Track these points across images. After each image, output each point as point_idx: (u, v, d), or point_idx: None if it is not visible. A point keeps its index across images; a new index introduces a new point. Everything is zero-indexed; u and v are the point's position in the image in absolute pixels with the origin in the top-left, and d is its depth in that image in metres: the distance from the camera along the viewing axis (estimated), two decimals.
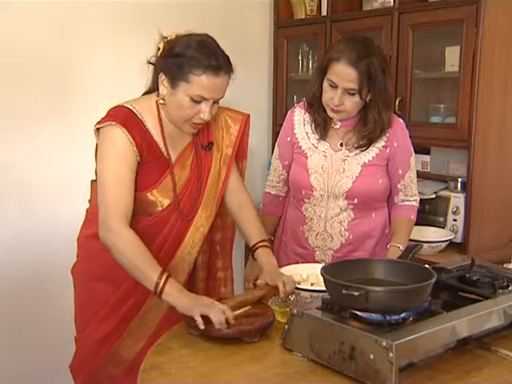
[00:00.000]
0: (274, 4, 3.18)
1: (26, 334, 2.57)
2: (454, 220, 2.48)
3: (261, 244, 1.78)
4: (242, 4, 3.11)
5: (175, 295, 1.49)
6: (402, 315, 1.27)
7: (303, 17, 3.10)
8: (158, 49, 1.64)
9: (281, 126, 2.13)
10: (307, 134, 2.02)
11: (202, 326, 1.41)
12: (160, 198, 1.67)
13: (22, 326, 2.56)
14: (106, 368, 1.71)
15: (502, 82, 2.41)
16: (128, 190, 1.59)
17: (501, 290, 1.44)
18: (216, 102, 1.62)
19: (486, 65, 2.31)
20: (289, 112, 2.09)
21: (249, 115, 1.85)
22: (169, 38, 1.63)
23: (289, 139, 2.05)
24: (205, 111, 1.59)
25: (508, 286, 1.47)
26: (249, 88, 3.19)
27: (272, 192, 2.14)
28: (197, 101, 1.58)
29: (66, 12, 2.53)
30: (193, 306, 1.45)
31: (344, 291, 1.24)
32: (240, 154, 1.86)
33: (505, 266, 1.83)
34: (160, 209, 1.68)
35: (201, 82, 1.55)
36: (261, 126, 3.28)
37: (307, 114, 2.02)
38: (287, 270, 1.76)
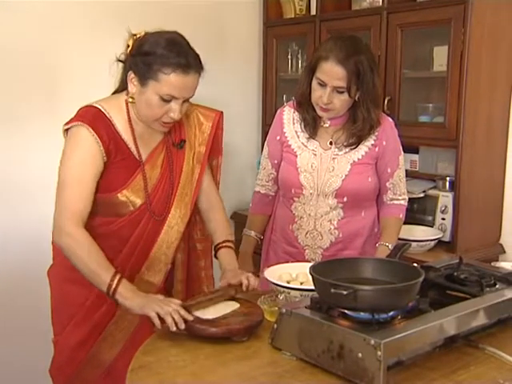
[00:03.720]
0: (263, 3, 3.18)
1: (15, 333, 2.55)
2: (443, 219, 2.49)
3: (224, 244, 1.77)
4: (231, 3, 3.10)
5: (128, 296, 1.48)
6: (391, 314, 1.27)
7: (292, 16, 3.10)
8: (128, 46, 1.61)
9: (270, 125, 2.12)
10: (296, 132, 2.02)
11: (158, 325, 1.41)
12: (132, 198, 1.64)
13: (11, 325, 2.54)
14: (84, 371, 1.69)
15: (490, 82, 2.43)
16: (87, 191, 1.57)
17: (488, 289, 1.45)
18: (186, 100, 1.60)
19: (473, 64, 2.32)
20: (278, 111, 2.09)
21: (222, 112, 1.83)
22: (138, 36, 1.60)
23: (278, 138, 2.05)
24: (174, 110, 1.57)
25: (495, 285, 1.48)
26: (238, 87, 3.19)
27: (261, 191, 2.14)
28: (166, 100, 1.55)
29: (49, 10, 2.50)
30: (146, 304, 1.44)
31: (333, 290, 1.24)
32: (215, 150, 1.84)
33: (492, 264, 1.84)
34: (132, 209, 1.65)
35: (170, 80, 1.52)
36: (250, 126, 3.28)
37: (296, 113, 2.02)
38: (277, 269, 1.76)
